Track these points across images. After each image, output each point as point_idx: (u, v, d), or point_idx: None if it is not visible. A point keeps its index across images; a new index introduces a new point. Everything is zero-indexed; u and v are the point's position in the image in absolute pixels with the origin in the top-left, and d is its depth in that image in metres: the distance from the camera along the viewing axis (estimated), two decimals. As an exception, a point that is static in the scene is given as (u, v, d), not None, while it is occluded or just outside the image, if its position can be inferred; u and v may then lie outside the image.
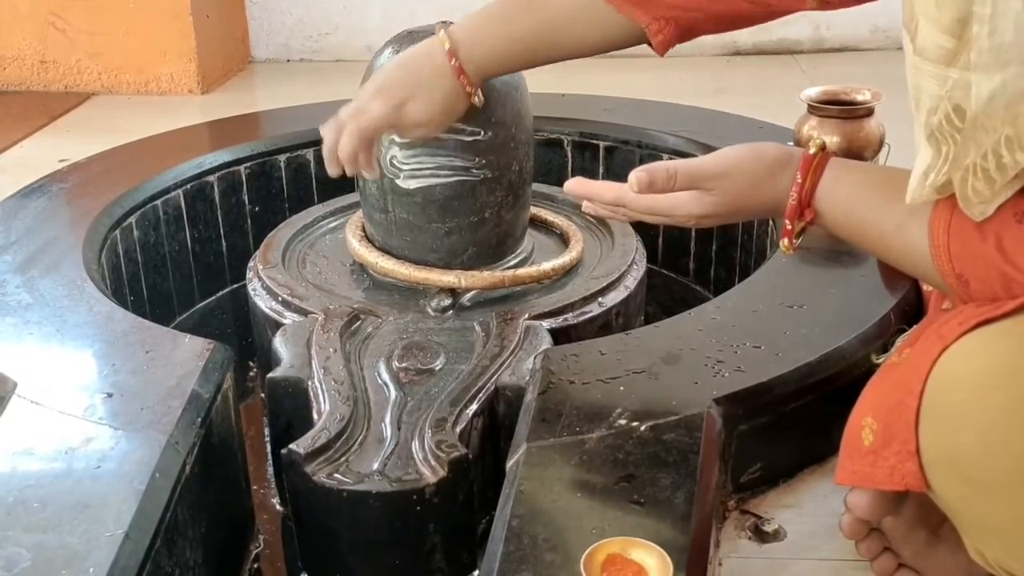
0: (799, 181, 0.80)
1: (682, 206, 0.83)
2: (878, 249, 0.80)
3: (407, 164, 1.12)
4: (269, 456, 1.11)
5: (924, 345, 0.69)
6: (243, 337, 1.33)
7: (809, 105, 1.23)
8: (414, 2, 2.66)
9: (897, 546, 0.80)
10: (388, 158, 1.12)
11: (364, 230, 1.22)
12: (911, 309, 1.03)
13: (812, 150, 0.80)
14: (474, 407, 0.94)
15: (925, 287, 1.00)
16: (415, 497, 0.86)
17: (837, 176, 0.80)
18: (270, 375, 1.00)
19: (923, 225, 0.74)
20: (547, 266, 1.17)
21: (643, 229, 1.34)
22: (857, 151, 1.21)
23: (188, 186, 1.43)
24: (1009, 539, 0.65)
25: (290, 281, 1.16)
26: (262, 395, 1.16)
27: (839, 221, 0.80)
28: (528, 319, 1.06)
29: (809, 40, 2.68)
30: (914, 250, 0.75)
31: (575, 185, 0.90)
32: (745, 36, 2.65)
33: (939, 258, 0.73)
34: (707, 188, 0.82)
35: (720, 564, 0.85)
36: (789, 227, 0.81)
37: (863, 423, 0.71)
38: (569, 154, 1.56)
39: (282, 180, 1.53)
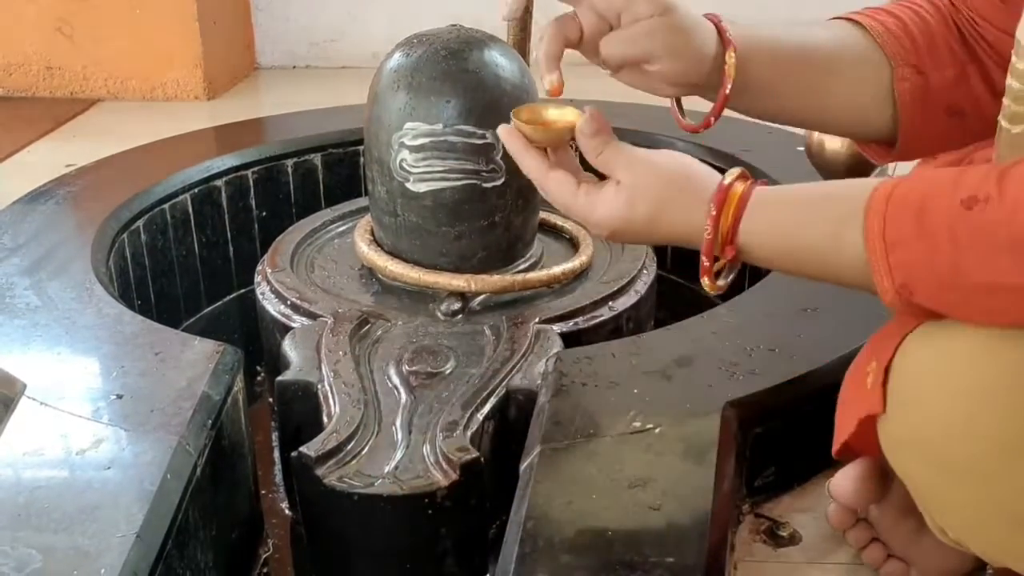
0: (713, 213, 0.70)
1: (603, 200, 0.77)
2: (816, 267, 0.70)
3: (417, 168, 1.11)
4: (277, 460, 1.11)
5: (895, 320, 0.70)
6: (249, 342, 1.32)
7: (819, 109, 1.23)
8: (419, 8, 2.67)
9: (885, 536, 0.81)
10: (398, 161, 1.12)
11: (373, 234, 1.21)
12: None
13: (728, 180, 0.71)
14: (485, 410, 0.93)
15: None
16: (427, 500, 0.85)
17: (760, 202, 0.70)
18: (279, 378, 0.99)
19: (857, 232, 0.65)
20: (557, 270, 1.16)
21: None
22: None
23: (195, 190, 1.42)
24: (966, 519, 0.66)
25: (299, 285, 1.16)
26: (269, 400, 1.16)
27: (766, 250, 0.71)
28: (539, 323, 1.06)
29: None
30: (853, 261, 0.66)
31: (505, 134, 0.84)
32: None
33: (878, 272, 0.65)
34: (627, 174, 0.75)
35: (735, 568, 0.84)
36: (707, 264, 0.71)
37: (868, 369, 0.71)
38: (576, 158, 1.55)
39: (289, 185, 1.53)
